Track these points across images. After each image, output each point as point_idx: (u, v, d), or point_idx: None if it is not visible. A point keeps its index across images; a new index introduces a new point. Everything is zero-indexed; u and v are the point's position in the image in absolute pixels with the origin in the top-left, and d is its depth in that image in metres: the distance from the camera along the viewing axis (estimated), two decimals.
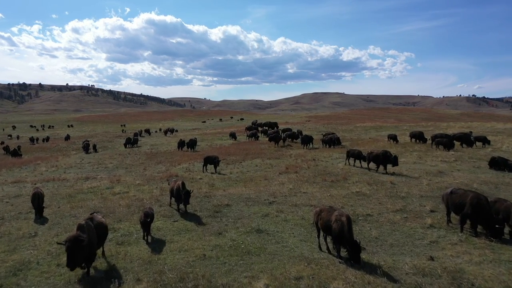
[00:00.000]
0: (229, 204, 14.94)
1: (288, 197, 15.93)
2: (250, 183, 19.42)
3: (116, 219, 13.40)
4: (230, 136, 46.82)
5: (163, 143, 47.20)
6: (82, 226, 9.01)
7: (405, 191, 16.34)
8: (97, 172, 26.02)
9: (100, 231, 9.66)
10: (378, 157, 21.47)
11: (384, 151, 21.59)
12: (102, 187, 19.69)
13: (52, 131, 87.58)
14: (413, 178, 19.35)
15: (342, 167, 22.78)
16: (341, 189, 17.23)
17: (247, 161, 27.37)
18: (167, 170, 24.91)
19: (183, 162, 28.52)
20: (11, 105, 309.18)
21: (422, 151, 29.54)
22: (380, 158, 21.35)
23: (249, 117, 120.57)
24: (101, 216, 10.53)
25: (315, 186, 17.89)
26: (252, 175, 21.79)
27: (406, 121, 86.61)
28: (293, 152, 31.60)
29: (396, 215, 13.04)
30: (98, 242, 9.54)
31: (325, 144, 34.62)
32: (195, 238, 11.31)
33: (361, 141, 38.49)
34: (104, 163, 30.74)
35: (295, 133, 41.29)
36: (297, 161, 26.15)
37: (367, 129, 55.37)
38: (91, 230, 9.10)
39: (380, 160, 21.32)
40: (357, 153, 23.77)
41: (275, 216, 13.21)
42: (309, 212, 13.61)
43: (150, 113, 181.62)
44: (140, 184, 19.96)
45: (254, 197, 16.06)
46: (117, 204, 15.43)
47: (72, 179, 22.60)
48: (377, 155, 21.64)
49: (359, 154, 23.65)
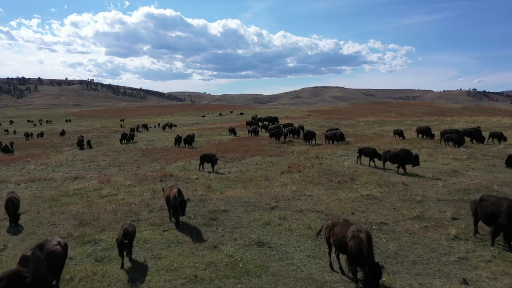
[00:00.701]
0: (227, 209, 13.45)
1: (292, 201, 14.45)
2: (249, 184, 17.92)
3: (98, 228, 11.92)
4: (229, 131, 45.28)
5: (161, 138, 45.67)
6: (27, 258, 6.97)
7: (420, 194, 14.85)
8: (88, 170, 24.53)
9: (53, 262, 7.52)
10: (397, 156, 19.39)
11: (403, 150, 19.70)
12: (90, 188, 18.21)
13: (49, 126, 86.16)
14: (426, 178, 17.85)
15: (348, 166, 21.27)
16: (349, 191, 15.74)
17: (247, 158, 25.87)
18: (162, 169, 23.41)
19: (179, 159, 27.03)
20: (10, 100, 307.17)
21: (431, 147, 28.03)
22: (399, 158, 19.31)
23: (249, 111, 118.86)
24: (58, 242, 8.01)
25: (320, 188, 16.39)
26: (252, 174, 20.29)
27: (408, 116, 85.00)
28: (295, 148, 30.09)
29: (414, 224, 11.55)
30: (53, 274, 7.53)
31: (328, 140, 33.11)
32: (186, 253, 9.83)
33: (365, 137, 36.98)
34: (97, 160, 29.25)
35: (297, 128, 39.73)
36: (299, 159, 24.64)
37: (370, 124, 53.83)
38: (39, 263, 7.07)
39: (399, 160, 19.30)
40: (372, 151, 21.58)
41: (277, 225, 11.72)
42: (316, 219, 12.13)
43: (149, 107, 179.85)
44: (131, 185, 18.47)
45: (254, 201, 14.57)
46: (103, 209, 13.95)
47: (60, 179, 21.12)
48: (396, 154, 19.54)
49: (373, 152, 21.47)
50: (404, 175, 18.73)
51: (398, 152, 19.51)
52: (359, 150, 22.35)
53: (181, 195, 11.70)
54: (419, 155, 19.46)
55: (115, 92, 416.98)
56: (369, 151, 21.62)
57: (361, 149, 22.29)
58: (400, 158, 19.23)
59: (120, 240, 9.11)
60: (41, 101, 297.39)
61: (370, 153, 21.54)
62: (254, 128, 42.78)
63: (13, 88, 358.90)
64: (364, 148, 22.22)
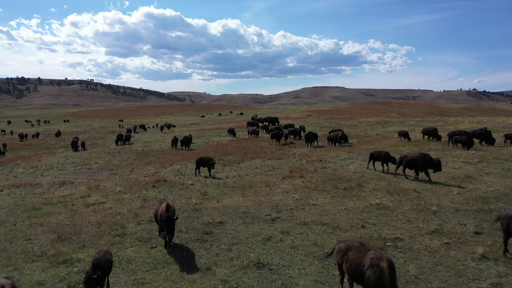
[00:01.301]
0: (223, 221, 12.14)
1: (295, 211, 13.14)
2: (248, 190, 16.61)
3: (78, 244, 10.61)
4: (228, 132, 43.96)
5: (158, 139, 44.37)
6: None
7: (435, 203, 13.55)
8: (78, 174, 23.24)
9: None
10: (415, 162, 17.65)
11: (423, 154, 18.02)
12: (77, 195, 16.92)
13: (47, 126, 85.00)
14: (439, 184, 16.55)
15: (354, 170, 19.96)
16: (357, 199, 14.43)
17: (246, 161, 24.57)
18: (156, 173, 22.12)
19: (175, 162, 25.73)
20: (10, 100, 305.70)
21: (439, 150, 26.73)
22: (418, 163, 17.58)
23: (249, 111, 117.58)
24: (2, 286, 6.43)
25: (325, 196, 15.09)
26: (252, 179, 18.99)
27: (409, 116, 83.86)
28: (297, 151, 28.78)
29: (434, 239, 10.25)
30: None
31: (330, 142, 31.82)
32: (174, 277, 8.52)
33: (369, 138, 35.68)
34: (89, 163, 27.96)
35: (298, 129, 38.41)
36: (301, 162, 23.34)
37: (372, 125, 52.53)
38: None
39: (419, 165, 17.58)
40: (384, 155, 19.95)
41: (279, 241, 10.41)
42: (322, 234, 10.83)
43: (148, 107, 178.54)
44: (120, 192, 17.16)
45: (253, 211, 13.27)
46: (86, 221, 12.64)
47: (46, 184, 19.83)
48: (414, 159, 17.74)
49: (386, 156, 19.87)
50: (414, 180, 17.42)
51: (417, 156, 17.80)
52: (370, 154, 20.70)
53: (169, 210, 10.04)
54: (441, 160, 17.82)
55: (114, 92, 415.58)
56: (381, 155, 20.04)
57: (373, 153, 20.62)
58: (419, 164, 17.54)
59: (89, 275, 6.98)
60: (41, 101, 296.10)
61: (382, 157, 19.96)
62: (254, 130, 41.44)
63: (13, 88, 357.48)
64: (376, 152, 20.60)
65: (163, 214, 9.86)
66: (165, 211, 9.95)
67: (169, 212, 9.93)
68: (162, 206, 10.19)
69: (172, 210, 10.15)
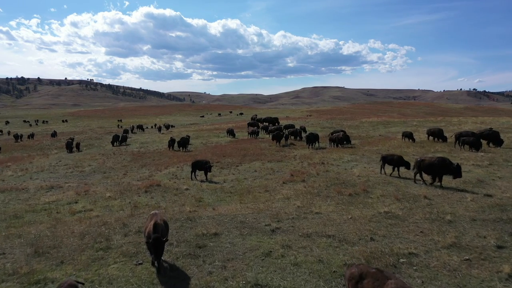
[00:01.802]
0: (218, 232, 11.07)
1: (296, 221, 12.07)
2: (247, 196, 15.55)
3: (56, 259, 9.54)
4: (227, 133, 42.92)
5: (155, 140, 43.34)
6: None
7: (449, 211, 12.49)
8: (69, 178, 22.18)
9: None
10: (433, 166, 16.25)
11: (441, 159, 16.57)
12: (63, 201, 15.85)
13: (45, 127, 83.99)
14: (450, 190, 15.48)
15: (358, 174, 18.88)
16: (363, 207, 13.36)
17: (245, 164, 23.51)
18: (150, 177, 21.07)
19: (171, 165, 24.68)
20: (9, 100, 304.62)
21: (446, 152, 25.66)
22: (436, 168, 16.19)
23: (249, 111, 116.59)
24: None
25: (329, 203, 14.02)
26: (250, 184, 17.93)
27: (410, 116, 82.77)
28: (297, 153, 27.73)
29: (452, 255, 9.19)
30: None
31: (332, 143, 30.76)
32: None
33: (371, 139, 34.62)
34: (82, 165, 26.91)
35: (298, 130, 37.34)
36: (303, 165, 22.29)
37: (374, 125, 51.50)
38: None
39: (437, 170, 16.19)
40: (397, 159, 18.60)
41: (280, 256, 9.34)
42: (327, 248, 9.76)
43: (147, 107, 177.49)
44: (110, 198, 16.09)
45: (251, 221, 12.20)
46: (69, 232, 11.58)
47: (33, 189, 18.77)
48: (432, 163, 16.34)
49: (399, 160, 18.53)
50: (423, 185, 16.35)
51: (435, 161, 16.41)
52: (382, 158, 19.30)
53: (157, 230, 8.55)
54: (461, 165, 16.49)
55: (114, 92, 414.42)
56: (394, 159, 18.75)
57: (385, 156, 19.26)
58: (437, 169, 16.16)
59: None
60: (40, 101, 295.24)
61: (395, 161, 18.69)
62: (254, 130, 40.32)
63: (12, 88, 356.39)
64: (388, 156, 19.25)
65: (151, 235, 8.46)
66: (152, 231, 8.47)
67: (157, 232, 8.51)
68: (150, 225, 8.79)
69: (162, 228, 8.75)
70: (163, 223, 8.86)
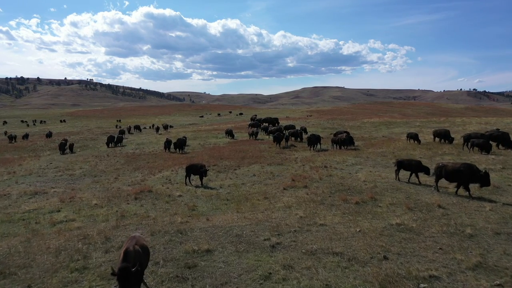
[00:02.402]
0: (211, 249, 9.82)
1: (299, 234, 10.82)
2: (244, 204, 14.31)
3: (23, 283, 8.28)
4: (226, 134, 41.69)
5: (151, 141, 42.09)
6: None
7: (468, 223, 11.25)
8: (57, 182, 20.93)
9: None
10: (458, 173, 14.61)
11: (466, 165, 14.76)
12: (45, 210, 14.60)
13: (43, 127, 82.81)
14: (465, 197, 14.24)
15: (364, 179, 17.62)
16: (373, 218, 12.11)
17: (243, 167, 22.28)
18: (142, 181, 19.83)
19: (165, 168, 23.44)
20: (9, 100, 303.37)
21: (454, 154, 24.45)
22: (461, 175, 14.53)
23: (248, 111, 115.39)
24: None
25: (335, 213, 12.77)
26: (248, 190, 16.68)
27: (412, 116, 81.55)
28: (298, 155, 26.49)
29: (480, 279, 7.94)
30: None
31: (335, 145, 29.54)
32: None
33: (375, 140, 33.39)
34: (73, 168, 25.68)
35: (299, 130, 36.10)
36: (304, 169, 21.05)
37: (376, 126, 50.31)
38: None
39: (462, 177, 14.54)
40: (415, 164, 17.01)
41: (281, 280, 8.09)
42: (335, 269, 8.51)
43: (146, 107, 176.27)
44: (96, 206, 14.84)
45: (249, 234, 10.95)
46: (44, 247, 10.33)
47: (16, 195, 17.52)
48: (457, 170, 14.66)
49: (418, 165, 16.93)
50: (434, 191, 15.11)
51: (460, 167, 14.76)
52: (398, 162, 17.52)
53: (127, 258, 6.81)
54: (489, 172, 14.83)
55: (114, 92, 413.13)
56: (412, 164, 17.07)
57: (401, 161, 17.49)
58: (463, 176, 14.50)
59: None
60: (40, 101, 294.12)
61: (413, 166, 17.00)
62: (254, 131, 39.02)
63: (12, 88, 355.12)
64: (405, 161, 17.53)
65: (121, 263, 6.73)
66: (121, 260, 6.80)
67: (127, 260, 6.76)
68: (121, 252, 7.11)
69: (136, 256, 6.98)
70: (140, 249, 7.18)
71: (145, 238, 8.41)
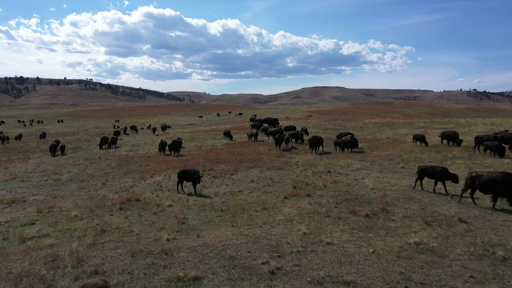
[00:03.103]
0: (199, 276, 8.32)
1: (303, 256, 9.31)
2: (241, 217, 12.80)
3: None
4: (224, 135, 40.18)
5: (147, 143, 40.56)
6: None
7: (497, 242, 9.74)
8: (39, 188, 19.41)
9: None
10: (496, 184, 12.63)
11: (506, 174, 12.72)
12: (19, 222, 13.08)
13: (39, 127, 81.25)
14: (486, 208, 12.73)
15: (372, 187, 16.10)
16: (386, 235, 10.60)
17: (241, 172, 20.78)
18: (131, 187, 18.31)
19: (158, 173, 21.94)
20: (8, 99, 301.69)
21: (466, 158, 22.98)
22: (499, 186, 12.57)
23: (248, 111, 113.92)
24: None
25: (343, 228, 11.25)
26: (246, 199, 15.16)
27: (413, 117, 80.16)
28: (300, 158, 25.00)
29: None
30: None
31: (337, 147, 28.03)
32: None
33: (379, 142, 31.90)
34: (61, 172, 24.17)
35: (300, 132, 34.61)
36: (306, 174, 19.55)
37: (379, 126, 48.87)
38: None
39: (500, 189, 12.60)
40: (441, 171, 14.98)
41: None
42: None
43: (145, 107, 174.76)
44: (76, 218, 13.31)
45: (244, 255, 9.44)
46: (5, 272, 8.77)
47: None
48: (494, 180, 12.69)
49: (444, 173, 14.93)
50: (453, 203, 13.60)
51: (498, 177, 12.80)
52: (421, 170, 15.49)
53: None
54: None
55: (113, 92, 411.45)
56: (437, 172, 15.08)
57: (425, 168, 15.46)
58: (501, 187, 12.57)
59: None
60: (39, 101, 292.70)
61: (438, 174, 15.05)
62: (252, 133, 37.49)
63: (11, 87, 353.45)
64: (430, 168, 15.45)
65: None
66: None
67: None
68: None
69: None
70: None
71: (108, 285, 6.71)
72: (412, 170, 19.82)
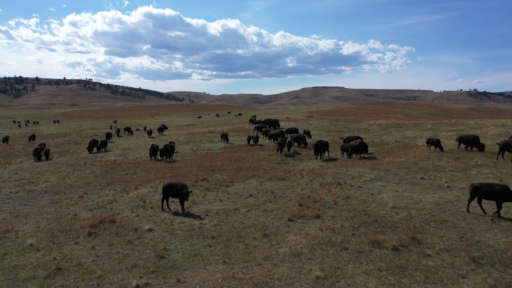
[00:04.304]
0: None
1: None
2: (235, 247, 10.22)
3: None
4: (221, 138, 37.58)
5: (140, 146, 37.96)
6: None
7: None
8: (6, 202, 16.80)
9: None
10: None
11: None
12: None
13: (35, 128, 78.63)
14: None
15: (393, 204, 13.51)
16: (425, 280, 8.00)
17: (238, 183, 18.21)
18: (110, 203, 15.73)
19: (145, 183, 19.37)
20: (7, 99, 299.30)
21: (491, 166, 20.43)
22: None
23: (248, 112, 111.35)
24: None
25: (366, 268, 8.68)
26: (242, 221, 12.58)
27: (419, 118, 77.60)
28: (304, 165, 22.42)
29: None
30: None
31: (344, 153, 25.42)
32: None
33: (388, 147, 29.32)
34: (37, 181, 21.62)
35: (302, 135, 32.00)
36: (313, 186, 16.97)
37: (385, 128, 46.32)
38: None
39: None
40: (501, 190, 11.74)
41: None
42: None
43: (144, 107, 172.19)
44: (30, 248, 10.71)
45: None
46: None
47: None
48: None
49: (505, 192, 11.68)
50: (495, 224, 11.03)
51: None
52: (474, 188, 12.38)
53: None
54: None
55: (113, 92, 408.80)
56: (495, 191, 11.83)
57: (479, 187, 12.26)
58: None
59: None
60: (38, 101, 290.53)
61: (497, 193, 11.81)
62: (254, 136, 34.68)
63: (10, 87, 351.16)
64: (484, 185, 12.23)
65: None
66: None
67: None
68: None
69: None
70: None
71: None
72: (434, 181, 17.30)
